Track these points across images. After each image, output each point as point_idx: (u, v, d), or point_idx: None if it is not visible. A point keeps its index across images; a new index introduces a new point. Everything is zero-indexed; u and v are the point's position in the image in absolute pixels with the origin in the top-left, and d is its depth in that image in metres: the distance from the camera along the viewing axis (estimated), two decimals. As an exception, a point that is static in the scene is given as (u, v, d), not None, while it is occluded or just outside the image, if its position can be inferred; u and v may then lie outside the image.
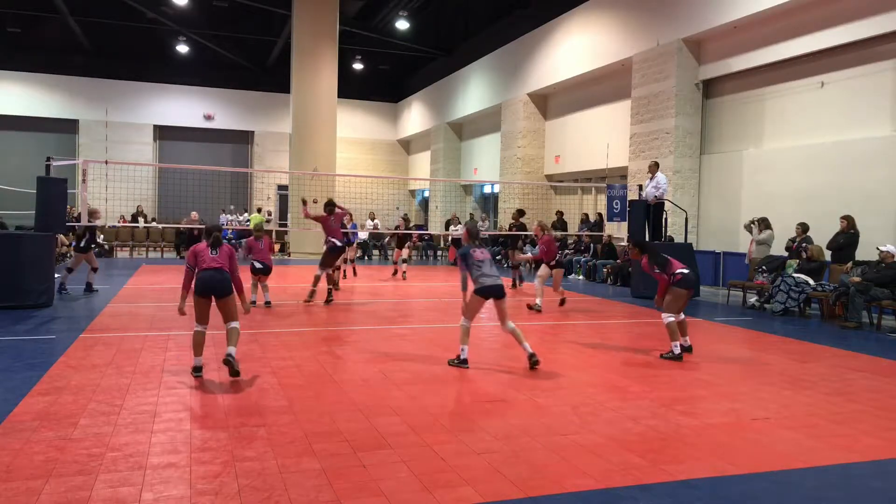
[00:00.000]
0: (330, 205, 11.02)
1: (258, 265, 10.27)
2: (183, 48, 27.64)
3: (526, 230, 14.74)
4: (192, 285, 5.95)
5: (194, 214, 13.51)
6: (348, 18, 24.23)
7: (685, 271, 7.22)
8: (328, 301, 10.89)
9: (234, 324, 5.99)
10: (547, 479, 3.73)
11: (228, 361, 5.73)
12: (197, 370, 5.92)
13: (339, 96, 22.70)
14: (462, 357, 6.50)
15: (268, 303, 10.42)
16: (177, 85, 29.00)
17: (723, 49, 14.45)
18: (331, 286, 11.16)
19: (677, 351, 7.10)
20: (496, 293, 6.52)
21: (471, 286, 6.59)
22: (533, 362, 6.43)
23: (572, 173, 20.13)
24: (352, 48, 27.14)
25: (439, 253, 23.00)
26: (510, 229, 14.59)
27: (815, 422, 4.98)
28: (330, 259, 10.93)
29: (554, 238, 11.35)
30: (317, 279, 10.88)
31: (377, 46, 27.43)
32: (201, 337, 5.96)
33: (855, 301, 9.56)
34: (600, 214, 17.77)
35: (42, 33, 26.75)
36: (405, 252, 16.12)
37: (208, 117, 11.60)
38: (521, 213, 15.46)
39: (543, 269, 10.89)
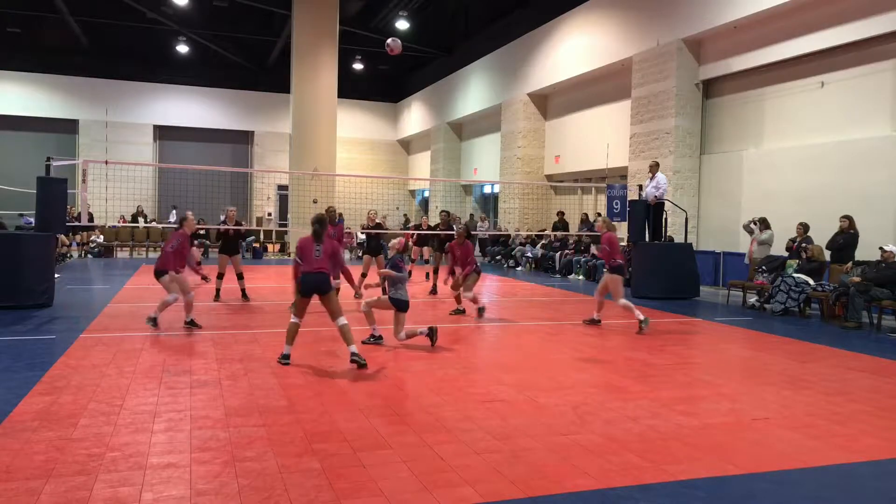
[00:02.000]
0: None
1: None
2: (183, 48, 27.64)
3: (451, 231, 13.76)
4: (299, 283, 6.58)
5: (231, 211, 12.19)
6: (348, 18, 24.22)
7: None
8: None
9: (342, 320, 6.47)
10: (547, 479, 3.73)
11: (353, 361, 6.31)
12: (285, 357, 6.41)
13: (339, 96, 22.70)
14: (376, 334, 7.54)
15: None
16: (177, 85, 29.00)
17: (723, 49, 14.45)
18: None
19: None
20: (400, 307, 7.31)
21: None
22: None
23: (572, 173, 20.12)
24: (352, 48, 27.14)
25: (439, 253, 22.99)
26: (435, 228, 14.11)
27: (815, 422, 4.98)
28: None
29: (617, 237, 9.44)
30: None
31: (377, 46, 27.39)
32: (295, 328, 6.51)
33: (855, 301, 9.56)
34: (600, 214, 17.76)
35: (42, 33, 26.74)
36: (425, 252, 15.12)
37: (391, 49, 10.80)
38: (448, 213, 15.00)
39: (612, 279, 8.97)
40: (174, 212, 23.55)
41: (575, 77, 18.76)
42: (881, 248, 9.74)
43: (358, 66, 29.66)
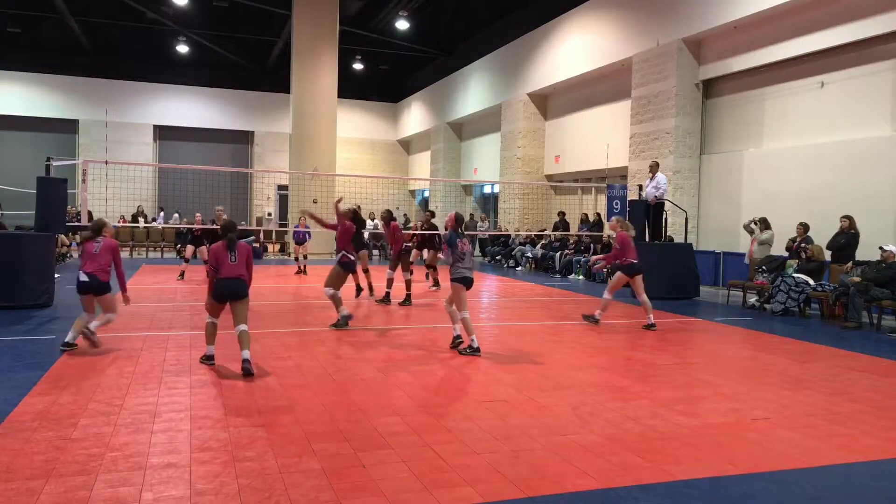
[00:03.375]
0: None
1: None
2: (183, 48, 27.64)
3: (436, 230, 13.56)
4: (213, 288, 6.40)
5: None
6: (348, 18, 24.22)
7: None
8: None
9: (244, 326, 6.24)
10: (547, 479, 3.73)
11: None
12: (208, 358, 6.32)
13: (339, 96, 22.69)
14: (474, 346, 7.10)
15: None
16: (177, 85, 28.98)
17: (723, 49, 14.45)
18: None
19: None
20: (471, 284, 7.29)
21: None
22: (456, 344, 7.23)
23: (572, 173, 20.12)
24: (352, 48, 27.13)
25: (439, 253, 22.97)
26: (422, 228, 14.10)
27: (815, 422, 4.98)
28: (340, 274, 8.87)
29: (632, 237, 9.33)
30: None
31: (377, 46, 27.43)
32: (213, 328, 6.41)
33: (855, 301, 9.55)
34: (599, 214, 17.77)
35: (42, 33, 26.73)
36: (426, 253, 13.63)
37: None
38: (432, 214, 15.04)
39: (618, 277, 9.18)
40: (162, 213, 23.52)
41: (575, 77, 18.76)
42: (881, 248, 9.74)
43: (358, 66, 29.64)
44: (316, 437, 4.33)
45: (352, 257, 8.61)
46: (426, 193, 30.85)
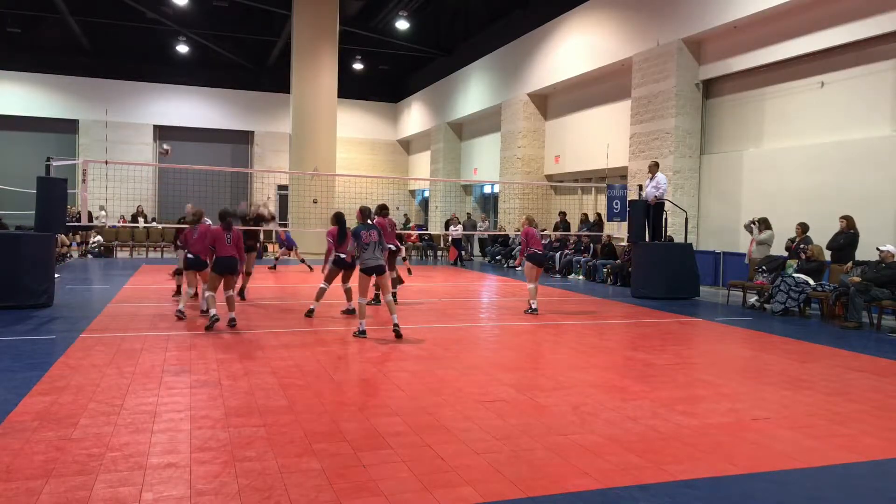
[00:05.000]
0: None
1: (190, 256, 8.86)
2: (183, 48, 27.64)
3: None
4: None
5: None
6: (348, 18, 24.22)
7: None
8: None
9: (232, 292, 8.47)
10: (547, 479, 3.73)
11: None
12: (214, 318, 8.14)
13: (339, 96, 22.69)
14: (361, 329, 7.92)
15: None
16: (177, 85, 28.99)
17: (723, 49, 14.45)
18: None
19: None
20: (378, 271, 7.92)
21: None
22: (396, 332, 7.77)
23: (572, 173, 20.12)
24: (352, 48, 27.13)
25: (439, 253, 23.01)
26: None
27: (815, 422, 4.98)
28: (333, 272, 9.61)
29: (535, 229, 10.33)
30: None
31: (377, 46, 27.42)
32: (213, 299, 8.32)
33: (855, 301, 9.55)
34: (599, 214, 17.77)
35: (42, 33, 26.73)
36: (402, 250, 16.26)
37: (166, 152, 12.44)
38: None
39: (527, 266, 10.26)
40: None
41: (575, 77, 18.75)
42: (878, 249, 9.74)
43: (358, 66, 29.65)
44: (316, 437, 4.33)
45: (341, 255, 9.24)
46: (426, 193, 30.84)
